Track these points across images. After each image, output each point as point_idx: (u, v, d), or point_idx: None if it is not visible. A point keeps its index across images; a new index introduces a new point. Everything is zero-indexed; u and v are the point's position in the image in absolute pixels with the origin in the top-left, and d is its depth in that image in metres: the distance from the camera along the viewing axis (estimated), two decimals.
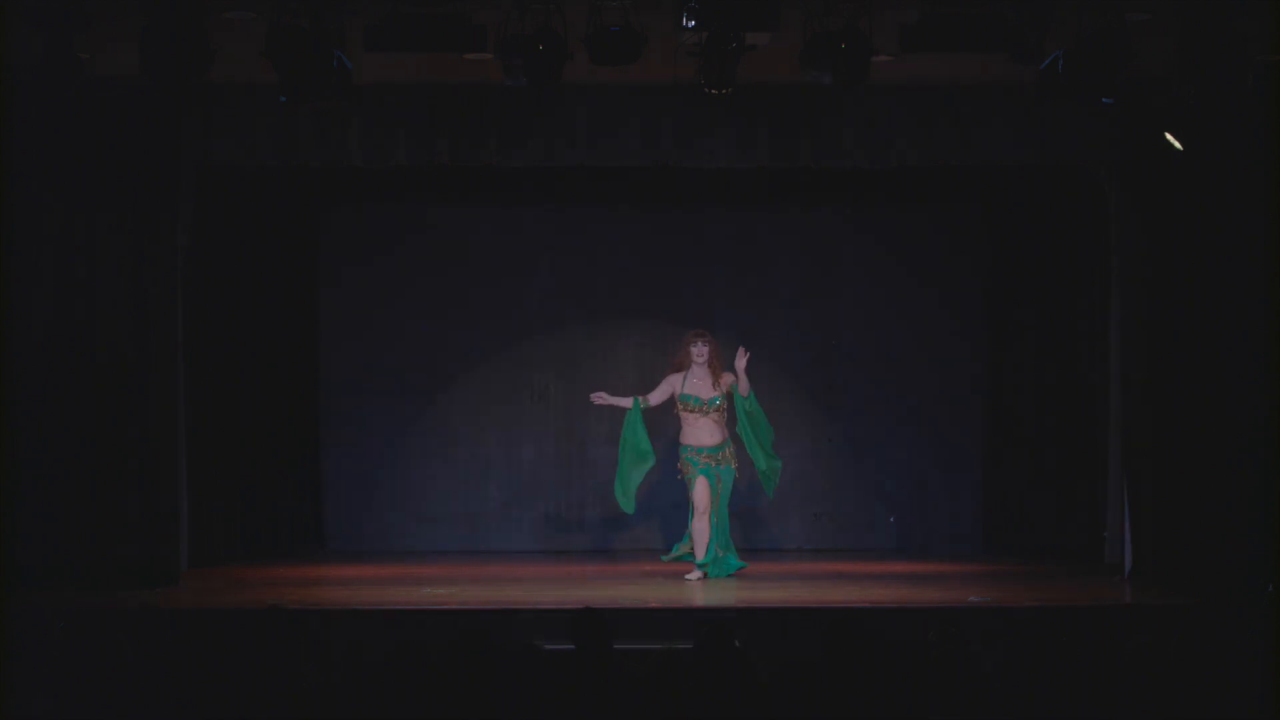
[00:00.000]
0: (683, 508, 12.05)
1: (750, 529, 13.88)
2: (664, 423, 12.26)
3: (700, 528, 11.65)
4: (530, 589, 11.37)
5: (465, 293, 13.89)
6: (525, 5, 8.99)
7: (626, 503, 11.98)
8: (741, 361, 11.63)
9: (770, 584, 11.61)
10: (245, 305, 13.34)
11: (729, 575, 11.65)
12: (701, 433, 11.71)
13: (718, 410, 11.73)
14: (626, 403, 11.86)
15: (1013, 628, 9.08)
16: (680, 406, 11.74)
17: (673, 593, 11.10)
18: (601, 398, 11.87)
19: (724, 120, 11.32)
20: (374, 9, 8.92)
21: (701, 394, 11.70)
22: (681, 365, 11.78)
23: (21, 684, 6.48)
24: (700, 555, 11.66)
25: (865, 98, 11.03)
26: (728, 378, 11.75)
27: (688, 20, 8.83)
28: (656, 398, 11.85)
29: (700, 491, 11.64)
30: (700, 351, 11.69)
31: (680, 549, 11.93)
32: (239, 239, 13.27)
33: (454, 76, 10.90)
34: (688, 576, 11.64)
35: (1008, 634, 7.62)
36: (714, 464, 11.68)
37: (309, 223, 13.87)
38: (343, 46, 8.92)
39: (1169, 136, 10.99)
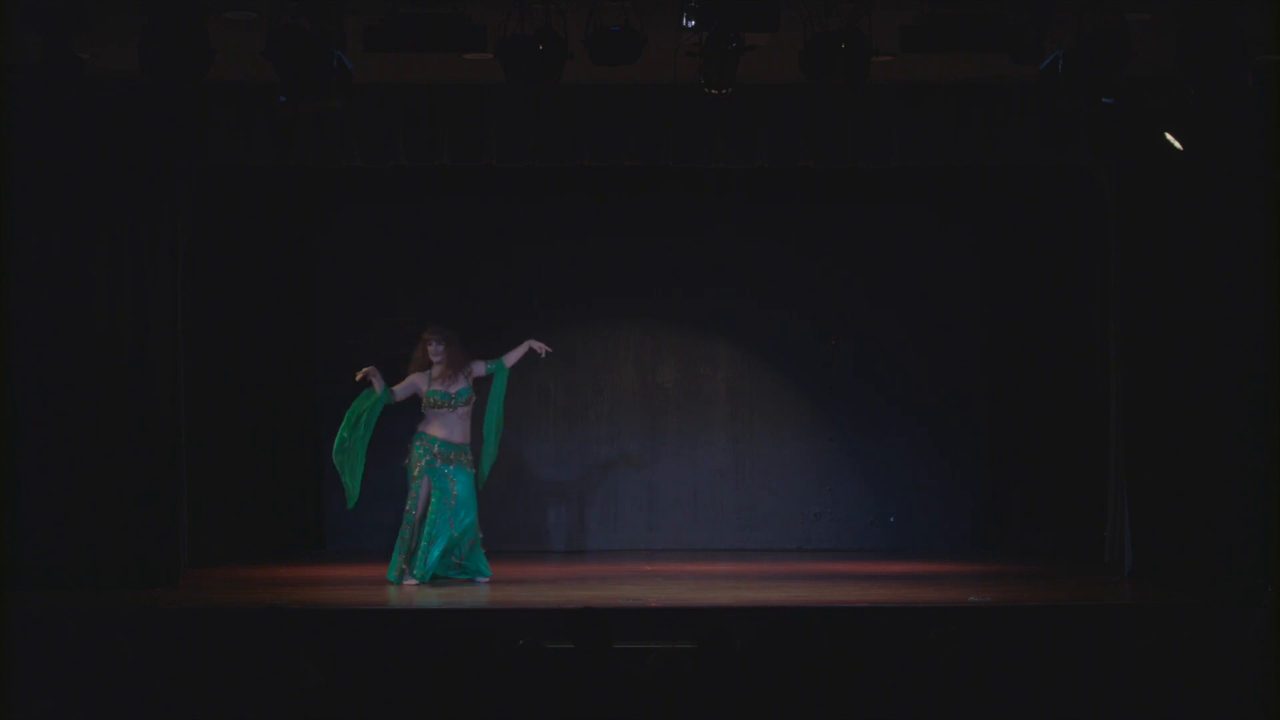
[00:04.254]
0: (681, 505, 12.09)
1: (750, 529, 13.89)
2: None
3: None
4: (530, 589, 11.37)
5: (465, 293, 13.88)
6: (525, 5, 8.99)
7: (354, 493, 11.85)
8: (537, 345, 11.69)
9: (770, 584, 11.62)
10: (245, 305, 13.35)
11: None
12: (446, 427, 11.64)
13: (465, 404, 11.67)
14: (379, 386, 11.67)
15: (1013, 628, 9.09)
16: (426, 403, 11.67)
17: (673, 593, 11.10)
18: (372, 372, 11.67)
19: (724, 120, 11.32)
20: (374, 9, 8.92)
21: (450, 388, 11.64)
22: (422, 364, 11.71)
23: (21, 684, 6.47)
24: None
25: (865, 98, 11.04)
26: (477, 366, 11.72)
27: (688, 20, 8.83)
28: (401, 393, 11.75)
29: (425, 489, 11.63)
30: (437, 350, 11.64)
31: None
32: (239, 239, 13.28)
33: (454, 76, 10.91)
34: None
35: (1008, 634, 7.62)
36: (447, 463, 11.62)
37: (309, 223, 13.86)
38: (343, 46, 8.92)
39: (1169, 136, 11.00)
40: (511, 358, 11.86)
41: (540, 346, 11.78)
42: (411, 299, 13.89)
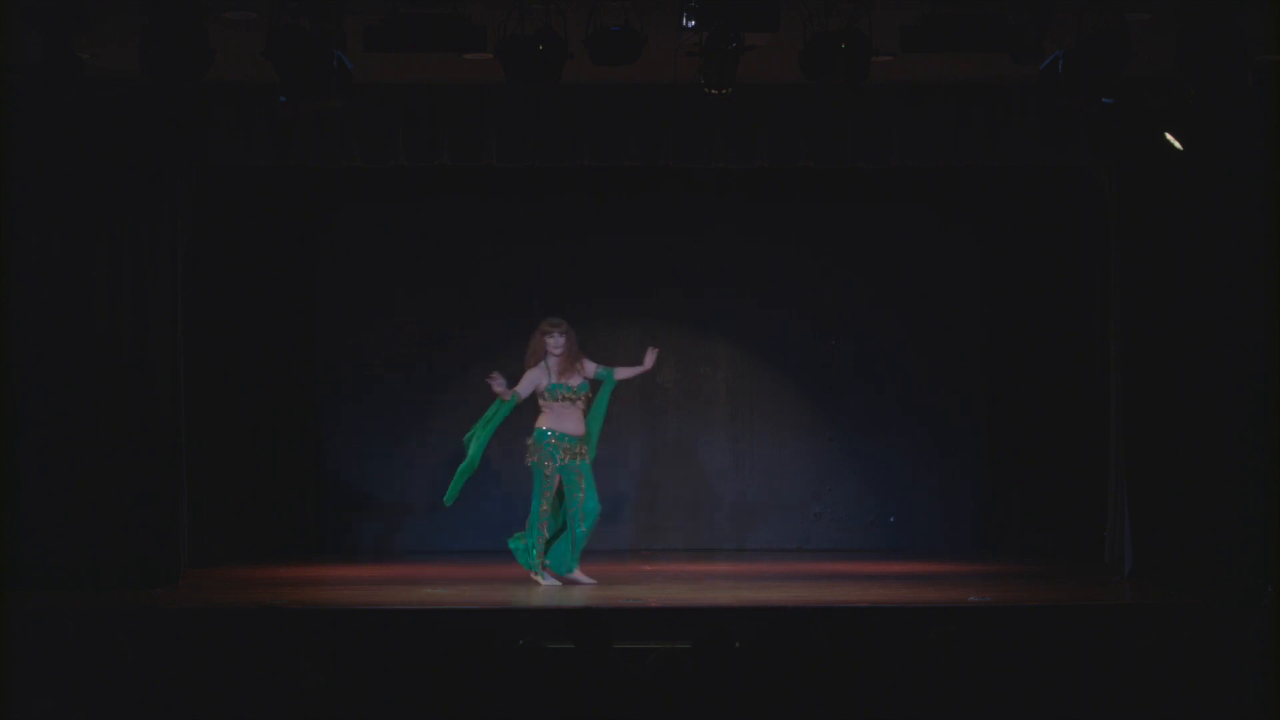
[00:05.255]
0: (682, 505, 12.09)
1: (750, 529, 13.89)
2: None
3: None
4: (530, 589, 11.37)
5: (465, 293, 13.89)
6: (525, 5, 8.99)
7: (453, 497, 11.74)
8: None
9: (770, 584, 11.62)
10: (245, 305, 13.35)
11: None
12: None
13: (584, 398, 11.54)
14: (507, 395, 11.44)
15: (1013, 628, 9.09)
16: (548, 397, 11.49)
17: (673, 593, 11.10)
18: (496, 379, 11.41)
19: (724, 120, 11.32)
20: (374, 9, 8.92)
21: (571, 382, 11.49)
22: (538, 356, 11.53)
23: (21, 684, 6.47)
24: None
25: (865, 98, 11.04)
26: (588, 364, 11.59)
27: (688, 20, 8.83)
28: (525, 392, 11.55)
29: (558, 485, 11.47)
30: (558, 343, 11.49)
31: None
32: (239, 239, 13.28)
33: (454, 76, 10.91)
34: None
35: (1008, 634, 7.62)
36: (573, 457, 11.48)
37: (309, 223, 13.86)
38: (343, 46, 8.92)
39: (1169, 136, 11.00)
40: (624, 372, 11.69)
41: (652, 358, 11.61)
42: (411, 299, 13.90)
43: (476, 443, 11.64)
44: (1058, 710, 6.34)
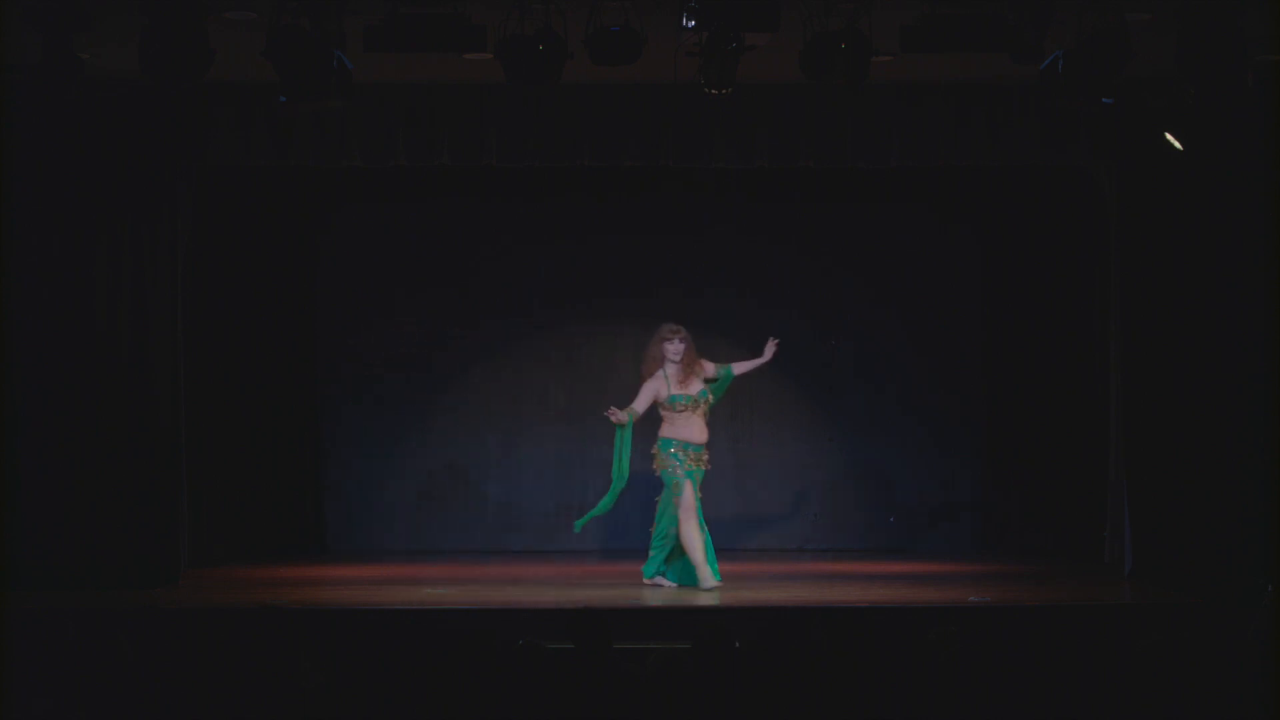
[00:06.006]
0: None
1: (750, 529, 13.89)
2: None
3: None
4: (530, 589, 11.37)
5: (465, 293, 13.90)
6: (525, 5, 8.99)
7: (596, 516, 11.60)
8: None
9: (770, 584, 11.62)
10: (245, 305, 13.36)
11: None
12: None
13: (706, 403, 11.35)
14: (623, 418, 11.23)
15: (1013, 628, 9.08)
16: (670, 407, 11.28)
17: (673, 593, 11.10)
18: (614, 414, 11.19)
19: (724, 120, 11.32)
20: (374, 9, 8.92)
21: (691, 390, 11.31)
22: (657, 363, 11.31)
23: (21, 684, 6.47)
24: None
25: (865, 98, 11.04)
26: (707, 366, 11.42)
27: (688, 20, 8.83)
28: (643, 408, 11.33)
29: (689, 493, 11.22)
30: (677, 350, 11.32)
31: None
32: (239, 239, 13.28)
33: (454, 76, 10.91)
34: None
35: (1008, 634, 7.62)
36: (699, 464, 11.31)
37: (309, 223, 13.87)
38: (343, 46, 8.92)
39: (1169, 136, 11.00)
40: (742, 367, 11.48)
41: (772, 348, 11.37)
42: (411, 299, 13.91)
43: (617, 472, 11.40)
44: (1058, 710, 6.34)
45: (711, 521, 13.90)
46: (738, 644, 6.67)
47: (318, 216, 13.88)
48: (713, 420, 14.01)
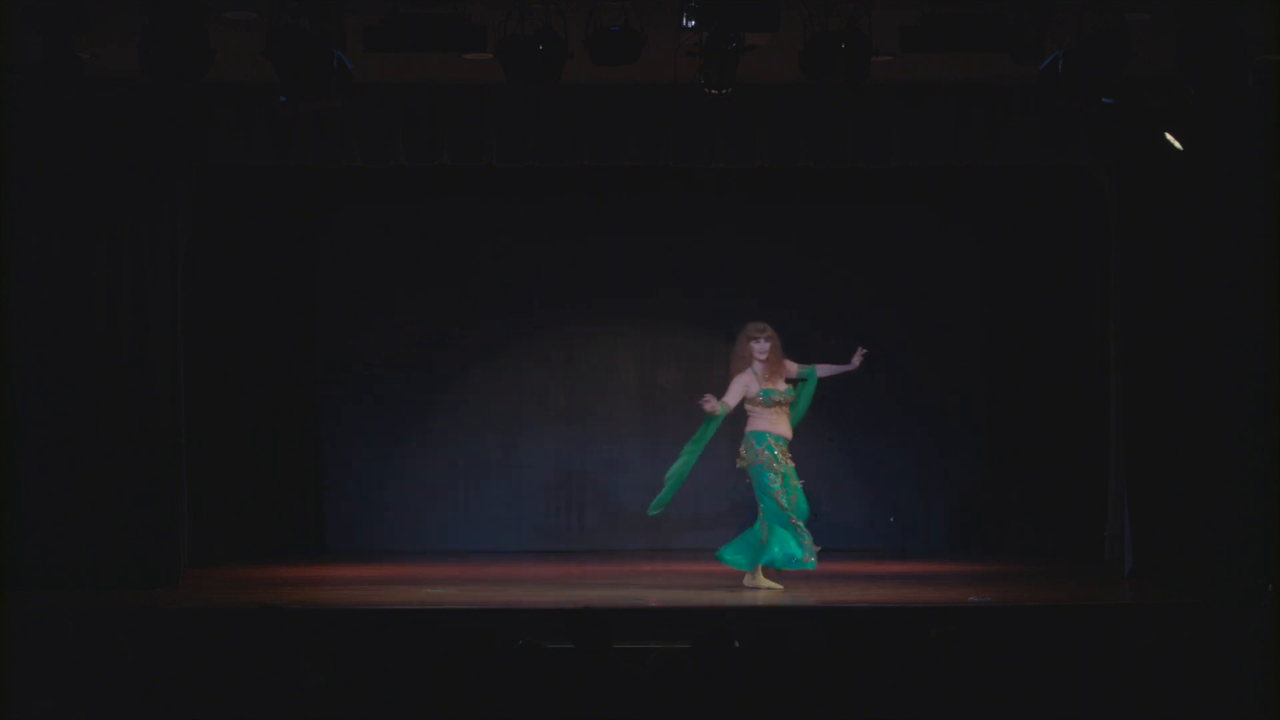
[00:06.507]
0: (682, 506, 11.94)
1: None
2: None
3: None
4: (530, 589, 11.37)
5: (465, 293, 13.89)
6: (525, 5, 8.99)
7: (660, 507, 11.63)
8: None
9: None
10: (245, 305, 13.35)
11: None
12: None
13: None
14: (716, 408, 11.23)
15: (1013, 628, 9.09)
16: (760, 402, 11.33)
17: (673, 593, 11.11)
18: (710, 402, 11.17)
19: (724, 120, 11.32)
20: (374, 9, 8.92)
21: (779, 386, 11.36)
22: (745, 361, 11.33)
23: (21, 684, 6.47)
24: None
25: (865, 98, 11.04)
26: (789, 364, 11.47)
27: (688, 20, 8.83)
28: (734, 402, 11.33)
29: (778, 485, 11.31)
30: (763, 349, 11.35)
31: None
32: (239, 239, 13.28)
33: (454, 76, 10.91)
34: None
35: (1008, 634, 7.62)
36: (788, 459, 11.39)
37: (309, 223, 13.86)
38: (343, 46, 8.92)
39: (1169, 136, 11.00)
40: (826, 370, 11.54)
41: (859, 358, 11.44)
42: (411, 299, 13.90)
43: (689, 456, 11.46)
44: (1058, 710, 6.35)
45: (712, 521, 13.97)
46: (738, 644, 6.67)
47: (318, 216, 13.87)
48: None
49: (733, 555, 11.40)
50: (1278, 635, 7.51)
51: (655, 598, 10.73)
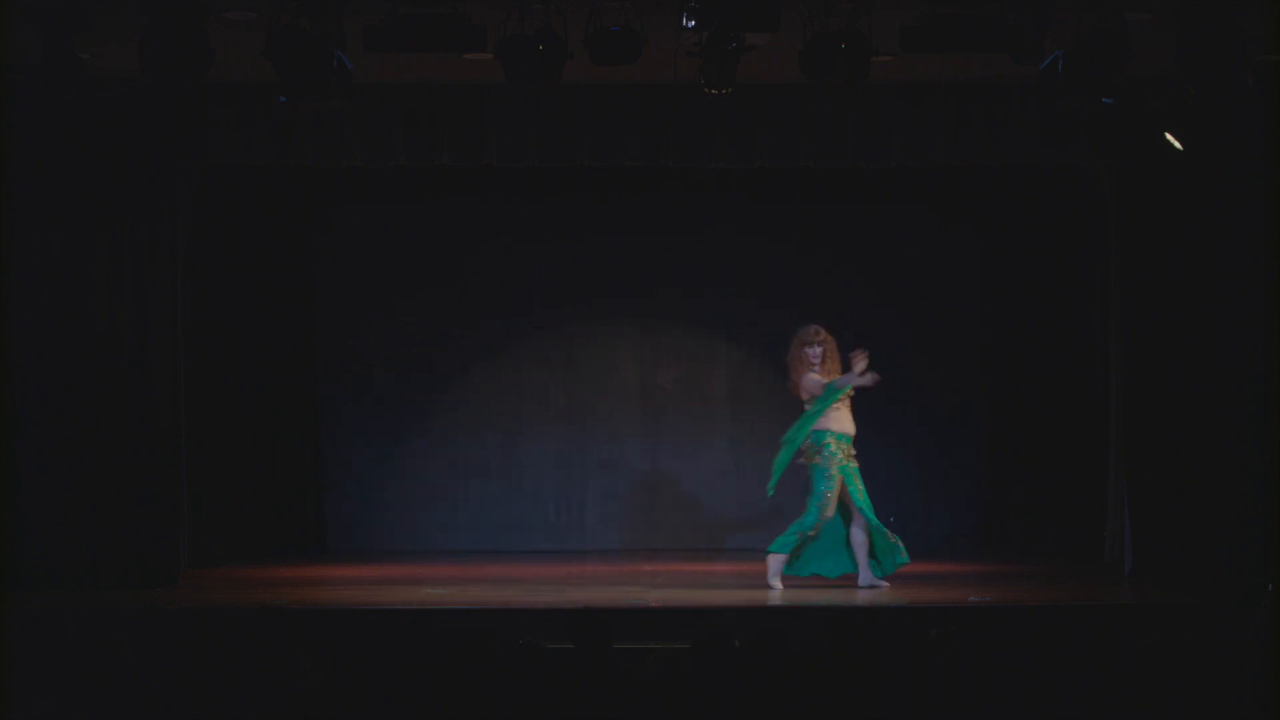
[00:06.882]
0: (681, 505, 11.92)
1: (750, 529, 13.87)
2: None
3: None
4: (530, 589, 11.37)
5: (465, 293, 13.90)
6: (525, 5, 8.99)
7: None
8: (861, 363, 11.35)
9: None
10: (245, 305, 13.35)
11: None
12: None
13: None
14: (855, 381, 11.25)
15: (1013, 628, 9.09)
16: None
17: (673, 593, 11.10)
18: (861, 366, 11.21)
19: (724, 120, 11.32)
20: (374, 9, 8.92)
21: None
22: (806, 365, 11.33)
23: (21, 684, 6.47)
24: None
25: (865, 98, 11.04)
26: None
27: (688, 20, 8.83)
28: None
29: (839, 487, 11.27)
30: (815, 354, 11.33)
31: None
32: (239, 239, 13.28)
33: (454, 76, 10.91)
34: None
35: (1008, 634, 7.62)
36: (850, 458, 11.36)
37: (309, 223, 13.86)
38: (343, 46, 8.92)
39: (1169, 136, 11.00)
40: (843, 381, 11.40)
41: (861, 361, 11.35)
42: (411, 299, 13.91)
43: (799, 432, 11.37)
44: (1058, 710, 6.34)
45: (712, 521, 13.98)
46: (738, 644, 6.67)
47: (318, 216, 13.87)
48: (713, 420, 14.12)
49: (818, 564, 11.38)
50: (1278, 635, 7.51)
51: (655, 598, 10.72)
